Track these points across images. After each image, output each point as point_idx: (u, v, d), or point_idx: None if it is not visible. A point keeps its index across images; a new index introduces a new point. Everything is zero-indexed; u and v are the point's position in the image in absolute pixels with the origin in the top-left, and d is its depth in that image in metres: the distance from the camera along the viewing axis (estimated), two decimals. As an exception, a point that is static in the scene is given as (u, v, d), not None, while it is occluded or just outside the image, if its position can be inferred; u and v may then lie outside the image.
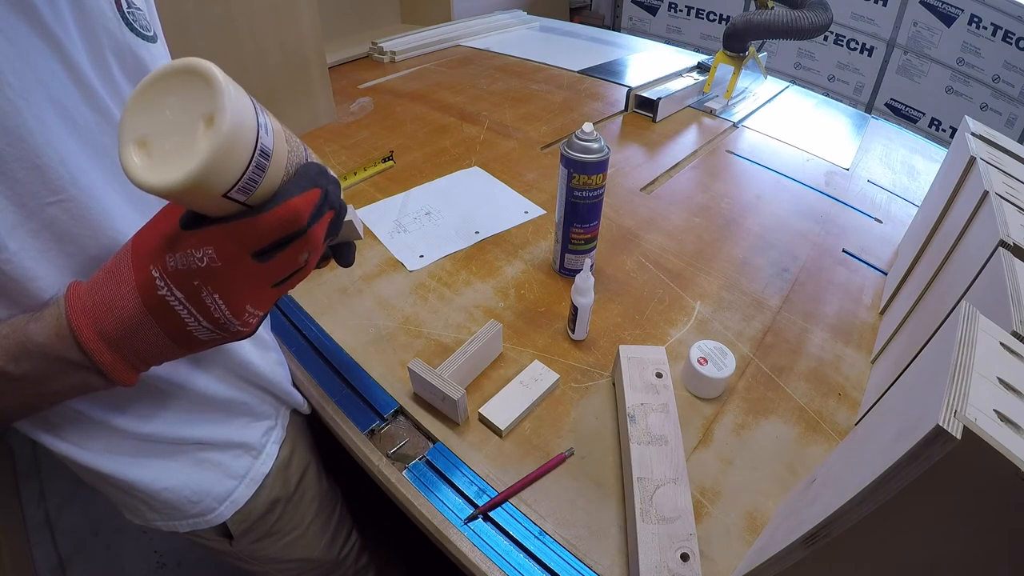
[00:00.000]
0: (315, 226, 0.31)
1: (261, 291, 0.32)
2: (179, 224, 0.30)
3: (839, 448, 0.41)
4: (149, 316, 0.30)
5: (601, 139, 0.63)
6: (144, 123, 0.26)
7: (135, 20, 0.37)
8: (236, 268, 0.29)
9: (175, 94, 0.26)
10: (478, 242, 0.79)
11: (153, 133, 0.26)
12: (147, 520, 0.49)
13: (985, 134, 0.63)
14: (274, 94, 1.00)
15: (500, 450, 0.52)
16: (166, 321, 0.30)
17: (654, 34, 2.94)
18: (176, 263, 0.29)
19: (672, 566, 0.40)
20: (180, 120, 0.26)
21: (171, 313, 0.30)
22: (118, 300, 0.30)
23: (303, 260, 0.32)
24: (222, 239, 0.29)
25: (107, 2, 0.34)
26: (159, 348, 0.32)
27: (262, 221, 0.28)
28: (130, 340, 0.31)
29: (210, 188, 0.26)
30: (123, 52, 0.35)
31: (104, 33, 0.34)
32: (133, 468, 0.44)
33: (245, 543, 0.55)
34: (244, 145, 0.26)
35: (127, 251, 0.31)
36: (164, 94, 0.26)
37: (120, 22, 0.35)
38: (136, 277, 0.30)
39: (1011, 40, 2.02)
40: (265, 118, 0.28)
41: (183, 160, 0.25)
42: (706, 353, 0.56)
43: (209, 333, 0.32)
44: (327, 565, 0.67)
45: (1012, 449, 0.22)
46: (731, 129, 1.16)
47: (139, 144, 0.26)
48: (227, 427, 0.49)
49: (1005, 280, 0.39)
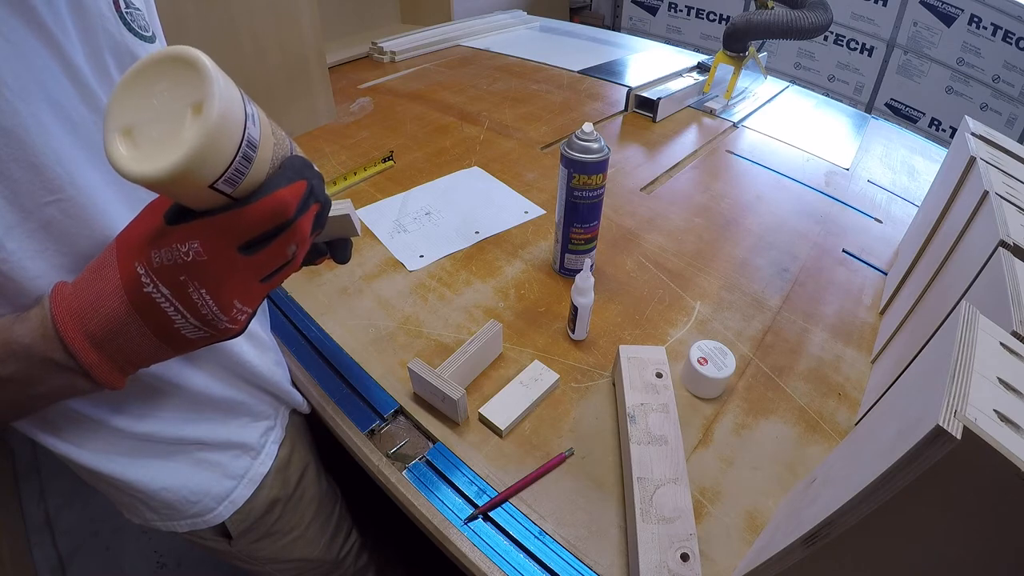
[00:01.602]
0: (302, 218, 0.31)
1: (248, 285, 0.31)
2: (163, 219, 0.29)
3: (839, 448, 0.41)
4: (135, 314, 0.30)
5: (601, 139, 0.63)
6: (130, 112, 0.26)
7: (133, 20, 0.36)
8: (222, 262, 0.29)
9: (162, 82, 0.26)
10: (478, 242, 0.79)
11: (139, 122, 0.26)
12: (146, 520, 0.49)
13: (985, 134, 0.63)
14: (274, 94, 1.00)
15: (500, 450, 0.52)
16: (153, 319, 0.30)
17: (654, 34, 2.94)
18: (162, 258, 0.28)
19: (672, 566, 0.40)
20: (167, 108, 0.25)
21: (157, 310, 0.30)
22: (103, 299, 0.30)
23: (291, 253, 0.32)
24: (208, 232, 0.28)
25: (105, 2, 0.34)
26: (147, 348, 0.32)
27: (249, 213, 0.28)
28: (117, 340, 0.31)
29: (197, 178, 0.25)
30: (121, 52, 0.35)
31: (102, 33, 0.34)
32: (131, 468, 0.44)
33: (244, 543, 0.55)
34: (232, 135, 0.26)
35: (112, 250, 0.30)
36: (151, 82, 0.26)
37: (119, 22, 0.35)
38: (121, 274, 0.29)
39: (1011, 40, 2.02)
40: (252, 108, 0.28)
41: (170, 149, 0.24)
42: (706, 353, 0.56)
43: (197, 331, 0.31)
44: (327, 565, 0.67)
45: (1012, 449, 0.22)
46: (731, 129, 1.16)
47: (125, 133, 0.26)
48: (225, 427, 0.49)
49: (1005, 280, 0.39)
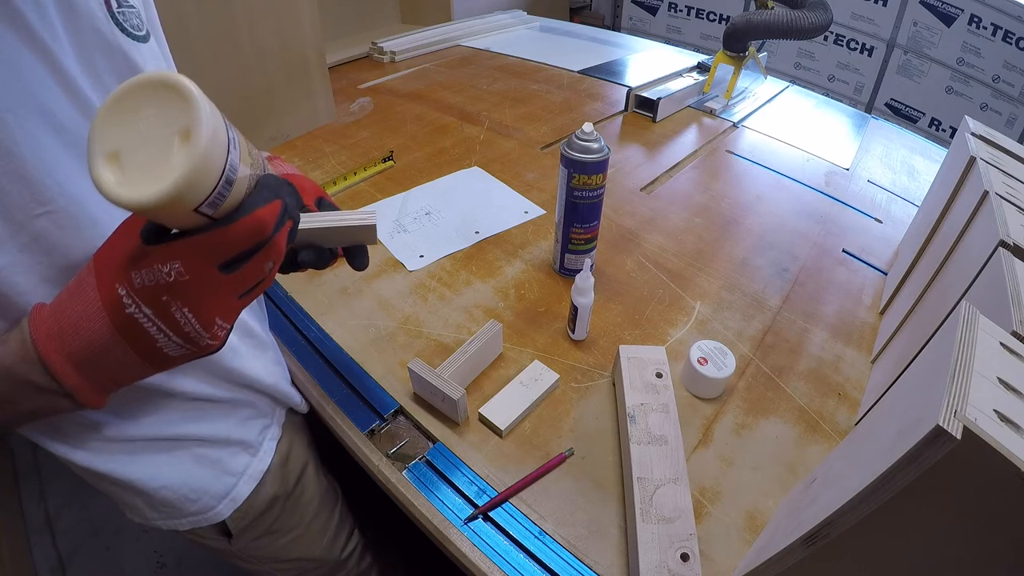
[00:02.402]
0: (278, 235, 0.31)
1: (229, 302, 0.32)
2: (141, 239, 0.29)
3: (839, 448, 0.41)
4: (117, 335, 0.30)
5: (601, 139, 0.63)
6: (115, 136, 0.26)
7: (126, 20, 0.36)
8: (204, 280, 0.29)
9: (148, 107, 0.26)
10: (478, 242, 0.79)
11: (125, 146, 0.26)
12: (147, 519, 0.49)
13: (985, 134, 0.63)
14: (274, 94, 1.00)
15: (500, 450, 0.52)
16: (135, 339, 0.30)
17: (654, 34, 2.94)
18: (143, 279, 0.28)
19: (672, 566, 0.40)
20: (154, 134, 0.26)
21: (140, 330, 0.30)
22: (84, 321, 0.30)
23: (267, 269, 0.32)
24: (190, 253, 0.28)
25: (96, 2, 0.34)
26: (128, 367, 0.32)
27: (230, 232, 0.29)
28: (99, 361, 0.31)
29: (184, 203, 0.26)
30: (113, 53, 0.35)
31: (93, 34, 0.33)
32: (131, 467, 0.44)
33: (244, 541, 0.55)
34: (217, 160, 0.26)
35: (90, 271, 0.30)
36: (137, 106, 0.26)
37: (110, 22, 0.35)
38: (102, 296, 0.29)
39: (1011, 40, 2.02)
40: (233, 133, 0.28)
41: (158, 175, 0.25)
42: (706, 353, 0.56)
43: (179, 349, 0.31)
44: (328, 565, 0.67)
45: (1012, 449, 0.22)
46: (731, 129, 1.16)
47: (111, 157, 0.26)
48: (223, 424, 0.49)
49: (1005, 280, 0.39)
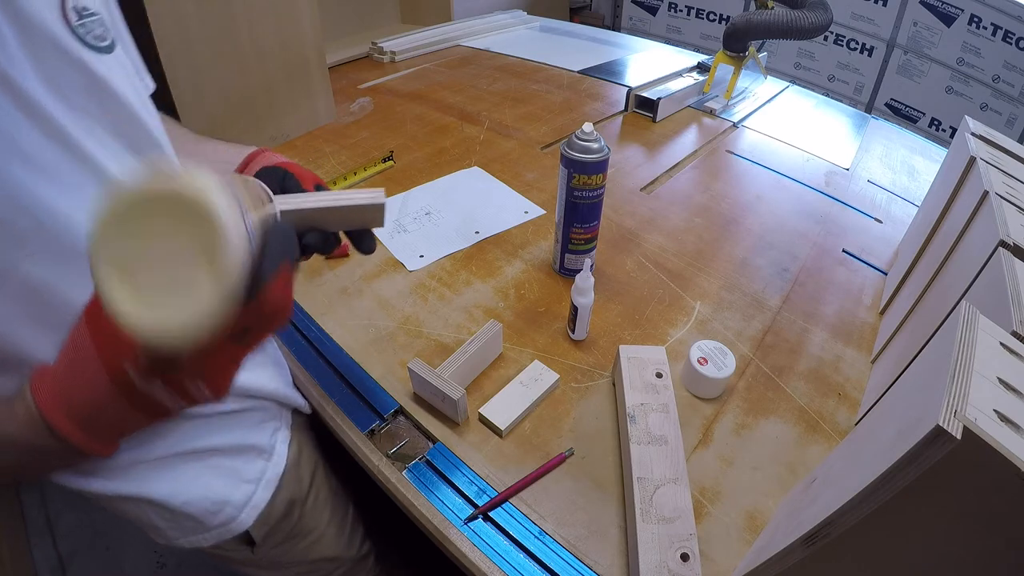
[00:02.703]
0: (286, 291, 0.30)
1: (239, 363, 0.32)
2: None
3: (839, 448, 0.41)
4: (128, 406, 0.30)
5: (601, 139, 0.63)
6: (124, 247, 0.23)
7: (88, 31, 0.34)
8: (219, 356, 0.29)
9: (162, 220, 0.23)
10: (478, 242, 0.79)
11: (136, 261, 0.23)
12: (170, 539, 0.49)
13: (985, 134, 0.63)
14: (274, 94, 1.00)
15: (500, 450, 0.52)
16: (146, 407, 0.30)
17: (654, 34, 2.94)
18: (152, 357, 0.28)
19: (672, 566, 0.40)
20: (172, 252, 0.23)
21: (151, 400, 0.30)
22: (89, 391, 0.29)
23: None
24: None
25: (52, 14, 0.31)
26: (135, 423, 0.33)
27: (246, 313, 0.27)
28: (104, 420, 0.31)
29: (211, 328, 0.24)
30: (74, 67, 0.33)
31: (54, 51, 0.31)
32: (150, 485, 0.44)
33: (267, 548, 0.55)
34: (242, 268, 0.24)
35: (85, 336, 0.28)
36: (148, 217, 0.23)
37: (69, 35, 0.32)
38: (108, 371, 0.28)
39: (1011, 40, 2.02)
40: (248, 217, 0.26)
41: (183, 301, 0.23)
42: (706, 353, 0.56)
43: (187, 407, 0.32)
44: (348, 563, 0.67)
45: (1012, 449, 0.22)
46: (731, 129, 1.16)
47: (121, 270, 0.23)
48: (235, 432, 0.49)
49: (1005, 280, 0.39)
